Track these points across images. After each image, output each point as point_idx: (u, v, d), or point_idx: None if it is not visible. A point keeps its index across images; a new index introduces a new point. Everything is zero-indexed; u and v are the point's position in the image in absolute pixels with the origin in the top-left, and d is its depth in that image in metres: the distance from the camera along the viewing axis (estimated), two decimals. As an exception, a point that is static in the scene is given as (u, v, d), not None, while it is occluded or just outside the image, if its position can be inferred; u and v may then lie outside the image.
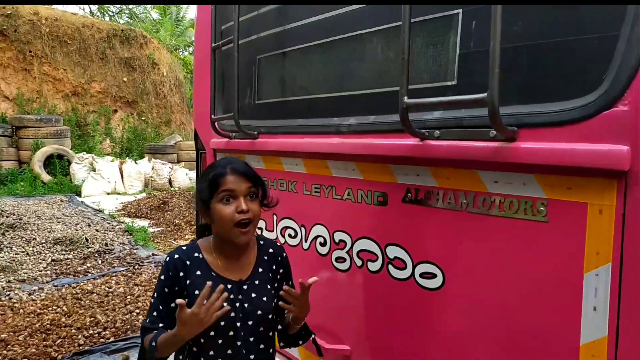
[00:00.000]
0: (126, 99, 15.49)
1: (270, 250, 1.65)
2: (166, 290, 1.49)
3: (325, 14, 1.78)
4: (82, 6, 20.33)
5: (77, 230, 7.36)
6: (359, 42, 1.65)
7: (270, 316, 1.57)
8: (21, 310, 4.37)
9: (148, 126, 15.83)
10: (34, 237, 6.75)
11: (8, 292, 4.83)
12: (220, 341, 1.48)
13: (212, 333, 1.46)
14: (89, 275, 5.53)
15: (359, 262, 1.71)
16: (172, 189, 12.05)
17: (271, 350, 1.59)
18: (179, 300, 1.33)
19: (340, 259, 1.79)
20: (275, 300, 1.57)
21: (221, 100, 2.44)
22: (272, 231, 2.16)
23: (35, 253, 6.17)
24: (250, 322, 1.52)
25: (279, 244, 1.77)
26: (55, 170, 11.77)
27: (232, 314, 1.49)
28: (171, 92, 16.70)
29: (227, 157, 1.84)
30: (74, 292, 4.88)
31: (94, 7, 20.72)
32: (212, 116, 2.34)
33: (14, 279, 5.23)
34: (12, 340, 3.78)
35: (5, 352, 3.66)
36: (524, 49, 1.23)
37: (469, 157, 1.29)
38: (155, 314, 1.49)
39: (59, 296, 4.75)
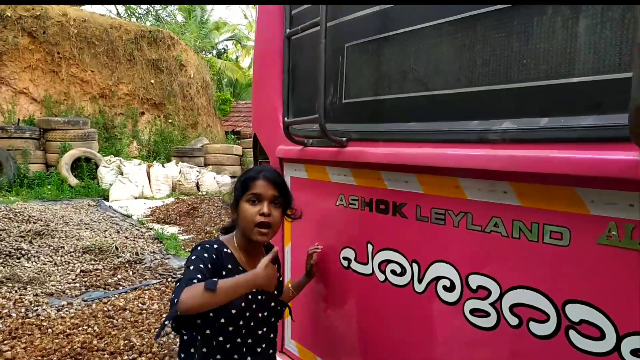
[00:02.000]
0: (153, 101, 15.27)
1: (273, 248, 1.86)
2: (209, 266, 1.51)
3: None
4: (109, 8, 20.27)
5: (106, 237, 7.03)
6: (523, 15, 1.18)
7: (279, 307, 1.75)
8: (49, 330, 4.00)
9: (175, 129, 15.58)
10: (61, 245, 6.42)
11: (36, 308, 4.48)
12: (244, 330, 1.59)
13: (241, 322, 1.57)
14: (120, 288, 5.16)
15: (513, 321, 1.24)
16: (199, 193, 11.74)
17: (275, 340, 1.77)
18: (275, 249, 1.54)
19: (479, 312, 1.33)
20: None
21: (293, 100, 2.00)
22: (366, 264, 1.71)
23: (64, 263, 5.84)
24: (265, 313, 1.67)
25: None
26: (83, 174, 11.54)
27: (254, 306, 1.62)
28: (198, 94, 16.43)
29: (264, 165, 2.10)
30: (105, 308, 4.51)
31: (122, 9, 20.64)
32: (285, 119, 1.90)
33: (42, 292, 4.88)
34: (40, 367, 3.41)
35: (32, 380, 3.29)
36: None
37: None
38: (199, 276, 1.43)
39: (90, 313, 4.38)
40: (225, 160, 14.45)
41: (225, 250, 1.62)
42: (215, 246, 1.60)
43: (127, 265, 5.88)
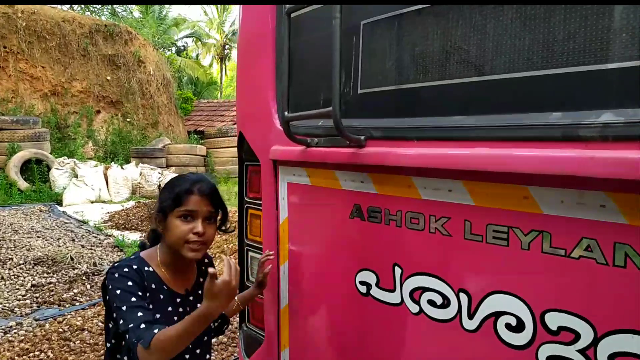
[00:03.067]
0: (110, 99, 14.48)
1: (206, 260, 1.71)
2: (140, 294, 1.39)
3: None
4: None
5: (59, 246, 6.46)
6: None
7: (212, 325, 1.69)
8: (-6, 358, 3.51)
9: (134, 128, 14.84)
10: (10, 256, 5.84)
11: (-22, 331, 3.95)
12: None
13: None
14: (77, 304, 4.67)
15: (615, 375, 0.95)
16: (162, 196, 11.16)
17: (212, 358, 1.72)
18: (210, 270, 1.28)
19: (561, 361, 1.03)
20: None
21: (293, 91, 1.66)
22: (393, 291, 1.39)
23: (12, 277, 5.27)
24: None
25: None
26: (34, 177, 10.77)
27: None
28: (158, 91, 15.72)
29: (197, 173, 1.87)
30: (60, 329, 4.02)
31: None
32: (286, 113, 1.56)
33: (-14, 312, 4.35)
34: (-19, 405, 2.94)
35: (-28, 421, 2.81)
36: None
37: None
38: (140, 314, 1.33)
39: (43, 336, 3.89)
40: (188, 161, 13.88)
41: (146, 268, 1.49)
42: (135, 266, 1.46)
43: (84, 278, 5.36)
